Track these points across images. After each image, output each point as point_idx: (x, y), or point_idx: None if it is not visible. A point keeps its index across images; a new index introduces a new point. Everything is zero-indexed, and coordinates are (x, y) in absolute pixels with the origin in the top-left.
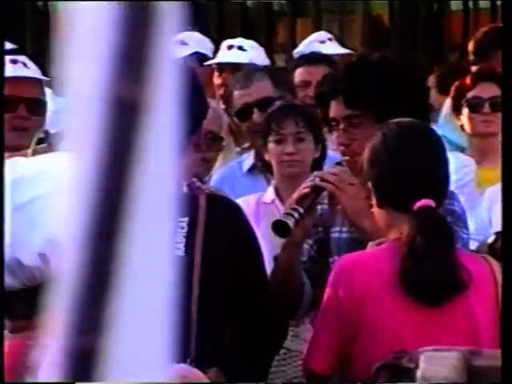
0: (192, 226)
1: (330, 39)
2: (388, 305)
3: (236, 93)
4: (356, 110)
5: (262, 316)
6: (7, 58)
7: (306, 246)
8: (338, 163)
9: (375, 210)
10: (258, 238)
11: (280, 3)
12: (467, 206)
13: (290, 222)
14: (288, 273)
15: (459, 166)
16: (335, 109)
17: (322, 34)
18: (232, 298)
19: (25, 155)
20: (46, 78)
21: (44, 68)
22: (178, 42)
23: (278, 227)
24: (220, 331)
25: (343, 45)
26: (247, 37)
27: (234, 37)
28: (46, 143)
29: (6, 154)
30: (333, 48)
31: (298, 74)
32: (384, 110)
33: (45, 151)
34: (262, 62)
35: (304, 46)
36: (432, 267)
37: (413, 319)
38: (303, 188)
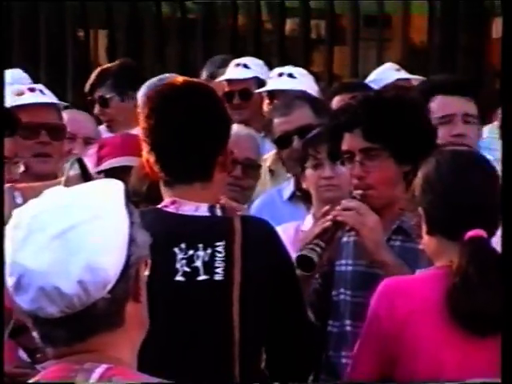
0: (229, 249)
1: (398, 69)
2: (431, 330)
3: (276, 120)
4: (374, 143)
5: (298, 337)
6: (25, 86)
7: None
8: (353, 197)
9: (424, 237)
10: (292, 260)
11: (317, 31)
12: None
13: (315, 257)
14: None
15: None
16: (351, 141)
17: (392, 64)
18: (270, 319)
19: (59, 183)
20: (63, 103)
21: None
22: (240, 65)
23: (302, 262)
24: (260, 355)
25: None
26: (284, 64)
27: (270, 65)
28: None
29: (36, 183)
30: (406, 74)
31: (336, 101)
32: (400, 145)
33: (77, 178)
34: (311, 89)
35: (378, 74)
36: (484, 298)
37: (457, 347)
38: (324, 222)
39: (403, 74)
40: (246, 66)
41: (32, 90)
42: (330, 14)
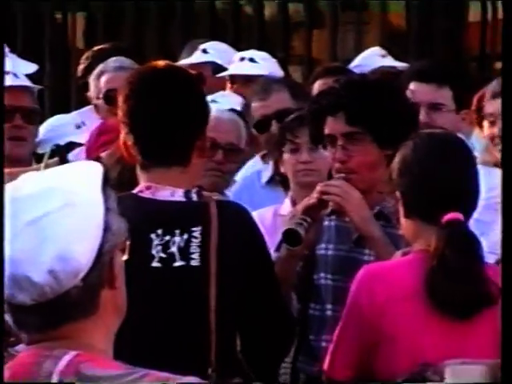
0: (205, 234)
1: (384, 55)
2: (410, 315)
3: (254, 104)
4: (357, 128)
5: (273, 321)
6: None
7: None
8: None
9: (402, 220)
10: (267, 243)
11: (297, 15)
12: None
13: (301, 231)
14: (283, 283)
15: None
16: (333, 125)
17: (379, 49)
18: (245, 304)
19: (38, 169)
20: (37, 86)
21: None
22: (200, 50)
23: (289, 236)
24: (235, 339)
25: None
26: (263, 48)
27: (249, 48)
28: (57, 157)
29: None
30: (391, 62)
31: (318, 85)
32: (382, 128)
33: (57, 165)
34: (275, 73)
35: (363, 59)
36: (462, 281)
37: (436, 331)
38: (309, 199)
39: (388, 61)
40: (204, 50)
41: (5, 72)
42: None
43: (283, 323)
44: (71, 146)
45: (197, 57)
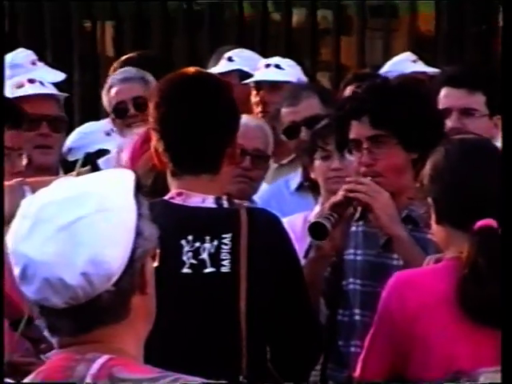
0: (235, 241)
1: (415, 60)
2: (443, 323)
3: (284, 110)
4: (381, 131)
5: (303, 329)
6: (25, 77)
7: None
8: None
9: (434, 226)
10: (297, 251)
11: (325, 21)
12: None
13: (328, 225)
14: (311, 287)
15: None
16: (358, 129)
17: (410, 54)
18: (274, 312)
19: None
20: (64, 94)
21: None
22: (225, 58)
23: (315, 229)
24: (265, 348)
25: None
26: (291, 55)
27: (277, 55)
28: (88, 165)
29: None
30: (422, 67)
31: (348, 91)
32: (407, 131)
33: (89, 173)
34: (299, 80)
35: (394, 65)
36: (494, 289)
37: (468, 339)
38: (336, 196)
39: (420, 66)
40: (230, 58)
41: (32, 81)
42: (337, 4)
43: (312, 331)
44: (101, 153)
45: (223, 65)
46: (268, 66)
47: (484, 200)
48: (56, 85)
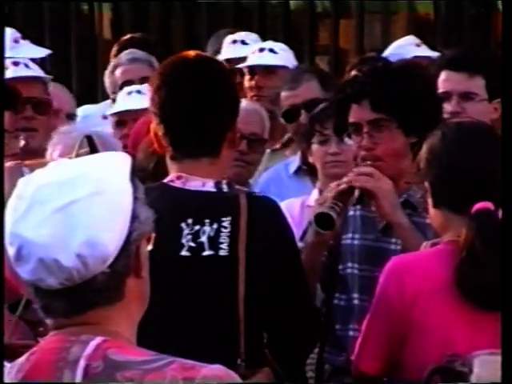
0: (234, 225)
1: (419, 44)
2: (440, 307)
3: (283, 94)
4: (382, 114)
5: (300, 314)
6: (10, 60)
7: None
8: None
9: (431, 210)
10: (295, 236)
11: (323, 4)
12: None
13: (334, 215)
14: (309, 271)
15: None
16: (359, 113)
17: (414, 38)
18: (272, 296)
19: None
20: (49, 76)
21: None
22: (239, 42)
23: (321, 219)
24: (262, 332)
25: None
26: (289, 39)
27: (276, 39)
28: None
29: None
30: (426, 51)
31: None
32: (407, 115)
33: (87, 155)
34: (291, 64)
35: (397, 48)
36: (493, 273)
37: (466, 323)
38: (340, 184)
39: (423, 50)
40: (244, 42)
41: (16, 63)
42: None
43: (310, 315)
44: None
45: (238, 50)
46: (262, 50)
47: (481, 183)
48: (53, 67)
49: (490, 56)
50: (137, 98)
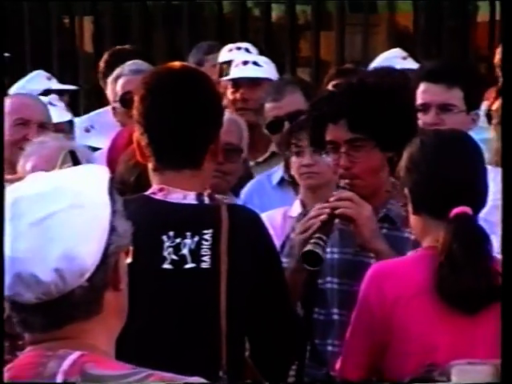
0: (216, 237)
1: (405, 57)
2: (420, 312)
3: (267, 105)
4: (359, 134)
5: (283, 325)
6: None
7: None
8: (339, 187)
9: (411, 216)
10: (276, 248)
11: (304, 17)
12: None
13: (321, 252)
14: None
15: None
16: (336, 132)
17: (400, 51)
18: (254, 308)
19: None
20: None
21: None
22: (243, 49)
23: (308, 257)
24: (245, 343)
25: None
26: (270, 51)
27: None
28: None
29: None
30: (413, 64)
31: (331, 87)
32: (384, 133)
33: None
34: (274, 77)
35: (384, 61)
36: (471, 276)
37: (446, 328)
38: (320, 214)
39: (409, 63)
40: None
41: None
42: None
43: (293, 327)
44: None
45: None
46: (246, 63)
47: (459, 189)
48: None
49: (468, 68)
50: None
